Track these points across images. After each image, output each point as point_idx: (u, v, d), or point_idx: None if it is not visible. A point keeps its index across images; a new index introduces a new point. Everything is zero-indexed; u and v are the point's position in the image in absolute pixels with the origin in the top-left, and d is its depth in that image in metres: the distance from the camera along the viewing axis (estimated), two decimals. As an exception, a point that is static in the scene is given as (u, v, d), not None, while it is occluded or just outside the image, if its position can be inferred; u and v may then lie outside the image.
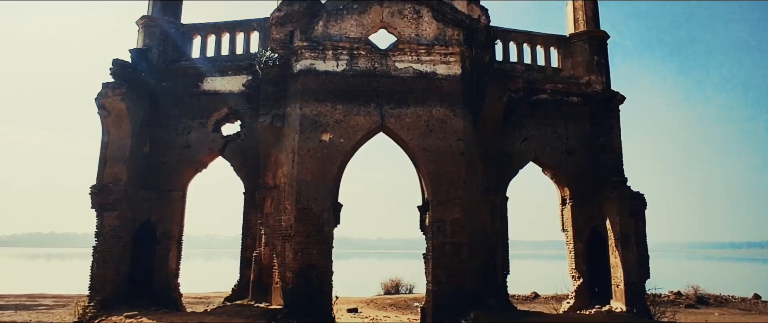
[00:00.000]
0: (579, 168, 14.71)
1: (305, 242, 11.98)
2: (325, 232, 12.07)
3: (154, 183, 13.95)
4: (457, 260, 12.07)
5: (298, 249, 11.93)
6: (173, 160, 14.17)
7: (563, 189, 15.06)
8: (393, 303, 25.63)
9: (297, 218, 12.10)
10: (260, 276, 13.06)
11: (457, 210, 12.31)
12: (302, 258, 11.89)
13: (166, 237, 13.82)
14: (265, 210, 13.36)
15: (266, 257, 13.05)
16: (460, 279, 11.99)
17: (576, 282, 14.43)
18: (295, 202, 12.19)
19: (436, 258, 12.07)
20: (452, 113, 12.84)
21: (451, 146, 12.65)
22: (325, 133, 12.54)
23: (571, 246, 14.57)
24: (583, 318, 11.29)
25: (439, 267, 12.01)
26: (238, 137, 14.33)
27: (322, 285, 11.84)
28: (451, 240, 12.16)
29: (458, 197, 12.39)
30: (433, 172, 12.50)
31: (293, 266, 11.89)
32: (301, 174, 12.32)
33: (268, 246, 13.06)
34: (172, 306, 13.34)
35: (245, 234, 14.06)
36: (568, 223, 14.78)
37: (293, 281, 11.83)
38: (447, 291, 11.90)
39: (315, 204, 12.19)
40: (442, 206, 12.35)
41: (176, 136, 14.28)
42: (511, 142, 14.63)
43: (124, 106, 12.62)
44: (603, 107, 14.89)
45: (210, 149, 14.24)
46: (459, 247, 12.14)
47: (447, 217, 12.30)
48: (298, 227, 12.05)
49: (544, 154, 14.73)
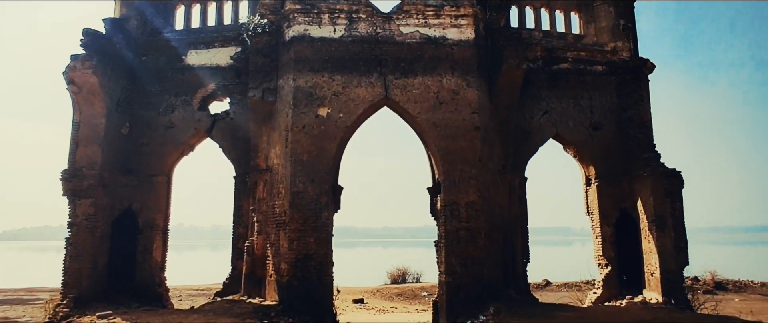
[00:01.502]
0: (605, 144, 13.25)
1: (301, 230, 10.63)
2: (323, 218, 10.71)
3: (135, 168, 12.61)
4: (474, 247, 10.68)
5: (294, 238, 10.58)
6: (155, 142, 12.82)
7: (588, 167, 13.60)
8: (400, 292, 24.57)
9: (292, 203, 10.74)
10: (253, 268, 11.75)
11: (472, 192, 10.91)
12: (298, 248, 10.55)
13: (150, 227, 12.50)
14: (257, 196, 12.01)
15: (259, 247, 11.72)
16: (476, 268, 10.62)
17: (603, 269, 13.03)
18: (290, 186, 10.82)
19: (449, 245, 10.70)
20: (465, 83, 11.38)
21: (465, 120, 11.21)
22: (321, 108, 11.13)
23: (598, 231, 13.15)
24: (621, 312, 9.92)
25: (453, 256, 10.64)
26: (227, 115, 12.95)
27: (322, 278, 10.51)
28: (466, 225, 10.77)
29: (473, 177, 10.97)
30: (445, 149, 11.08)
31: (288, 256, 10.56)
32: (296, 153, 10.93)
33: (262, 235, 11.73)
34: (157, 303, 12.06)
35: (237, 223, 12.73)
36: (594, 205, 13.35)
37: (289, 273, 10.50)
38: (462, 283, 10.54)
39: (312, 187, 10.81)
40: (455, 187, 10.94)
41: (158, 115, 12.90)
42: (530, 117, 13.19)
43: (97, 81, 11.24)
44: (631, 76, 13.39)
45: (195, 129, 12.87)
46: (475, 233, 10.75)
47: (461, 200, 10.90)
48: (293, 213, 10.70)
49: (566, 129, 13.27)
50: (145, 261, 12.34)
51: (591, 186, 13.53)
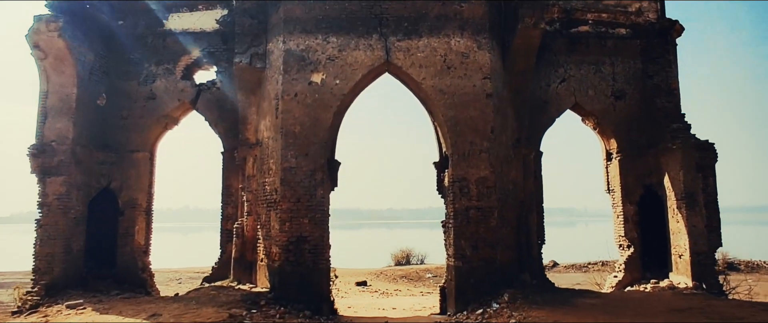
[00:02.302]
0: (628, 114, 12.06)
1: (294, 209, 9.56)
2: (318, 196, 9.63)
3: (114, 143, 11.53)
4: (485, 228, 9.60)
5: (285, 218, 9.52)
6: (136, 115, 11.71)
7: (608, 140, 12.44)
8: (404, 274, 23.90)
9: (283, 180, 9.65)
10: (243, 251, 10.74)
11: (483, 167, 9.78)
12: (290, 229, 9.50)
13: (131, 207, 11.48)
14: (246, 173, 10.94)
15: (250, 229, 10.69)
16: (489, 251, 9.55)
17: (624, 251, 11.95)
18: (280, 160, 9.72)
19: (458, 226, 9.62)
20: (476, 45, 10.16)
21: (476, 86, 10.02)
22: (315, 73, 9.96)
23: (619, 209, 12.04)
24: (650, 299, 8.85)
25: (462, 238, 9.57)
26: (213, 85, 11.81)
27: (317, 262, 9.47)
28: (477, 203, 9.68)
29: (485, 150, 9.84)
30: (453, 120, 9.92)
31: (280, 239, 9.51)
32: (287, 125, 9.81)
33: (252, 216, 10.69)
34: (140, 289, 11.10)
35: (225, 202, 11.68)
36: (615, 182, 12.22)
37: (280, 257, 9.47)
38: (473, 267, 9.49)
39: (305, 162, 9.71)
40: (464, 161, 9.82)
41: (138, 85, 11.77)
42: (546, 85, 12.00)
43: (65, 45, 10.07)
44: (657, 40, 12.14)
45: (179, 101, 11.75)
46: (487, 212, 9.66)
47: (471, 175, 9.78)
48: (285, 191, 9.62)
49: (585, 98, 12.08)
50: (127, 244, 11.34)
51: (612, 161, 12.38)
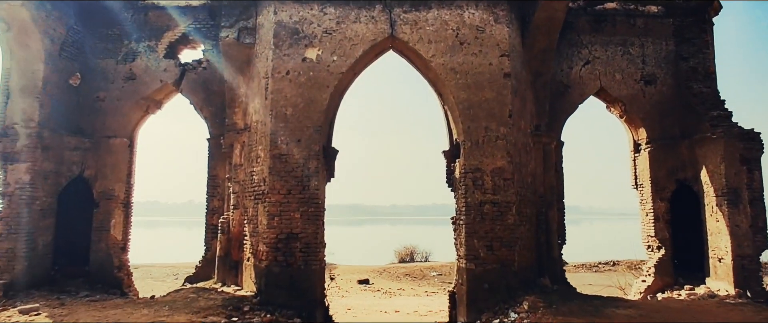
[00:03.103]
0: (660, 101, 10.83)
1: (284, 202, 8.41)
2: (311, 188, 8.47)
3: (88, 128, 10.43)
4: (502, 225, 8.42)
5: (274, 213, 8.37)
6: (113, 97, 10.59)
7: (637, 130, 11.21)
8: (408, 272, 23.00)
9: (272, 169, 8.50)
10: (228, 249, 9.61)
11: (500, 156, 8.59)
12: (280, 225, 8.35)
13: (107, 199, 10.38)
14: (233, 161, 9.80)
15: (236, 224, 9.56)
16: (505, 252, 8.37)
17: (654, 253, 10.75)
18: (269, 147, 8.57)
19: (471, 223, 8.44)
20: (492, 17, 8.95)
21: (491, 65, 8.82)
22: (310, 48, 8.79)
23: (649, 206, 10.83)
24: (693, 310, 7.65)
25: (475, 236, 8.39)
26: (199, 65, 10.67)
27: (309, 262, 8.32)
28: (493, 197, 8.49)
29: (502, 137, 8.64)
30: (466, 102, 8.73)
31: (268, 236, 8.37)
32: (277, 106, 8.65)
33: (239, 210, 9.55)
34: (116, 289, 10.01)
35: (211, 194, 10.56)
36: (644, 176, 11.00)
37: (268, 257, 8.32)
38: (488, 270, 8.31)
39: (297, 148, 8.55)
40: (478, 150, 8.63)
41: (116, 64, 10.65)
42: (568, 68, 10.80)
43: (29, 16, 8.95)
44: (692, 19, 10.90)
45: (161, 81, 10.62)
46: (504, 207, 8.48)
47: (486, 166, 8.59)
48: (274, 181, 8.47)
49: (611, 82, 10.86)
50: (102, 239, 10.24)
51: (641, 153, 11.16)
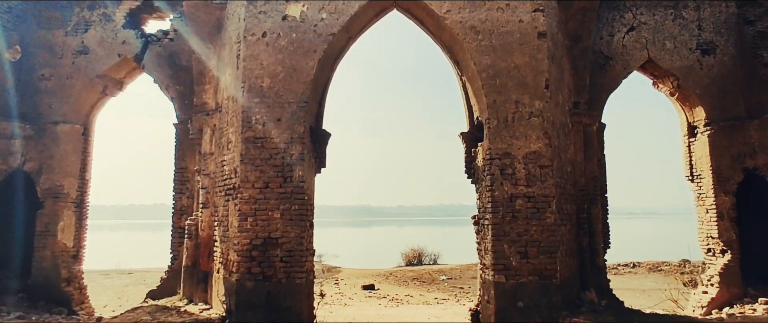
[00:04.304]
0: (720, 74, 8.94)
1: (260, 198, 6.57)
2: (295, 180, 6.63)
3: (31, 112, 8.66)
4: (539, 226, 6.54)
5: (247, 211, 6.53)
6: (61, 74, 8.82)
7: (692, 110, 9.31)
8: (416, 276, 21.32)
9: (245, 156, 6.67)
10: (196, 257, 7.79)
11: (535, 137, 6.71)
12: (254, 227, 6.51)
13: (54, 197, 8.60)
14: (202, 149, 7.99)
15: (205, 226, 7.74)
16: (545, 260, 6.48)
17: (717, 258, 8.82)
18: (241, 128, 6.74)
19: (499, 223, 6.56)
20: (522, -37, 7.08)
21: (523, 22, 6.95)
22: (292, 3, 6.95)
23: (710, 202, 8.90)
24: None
25: (505, 240, 6.52)
26: (165, 36, 8.89)
27: (292, 275, 6.47)
28: (527, 190, 6.61)
29: (537, 113, 6.77)
30: (491, 69, 6.86)
31: (239, 241, 6.53)
32: (251, 77, 6.82)
33: (208, 209, 7.74)
34: (63, 307, 8.21)
35: (179, 191, 8.76)
36: (703, 164, 9.09)
37: (239, 268, 6.48)
38: (522, 283, 6.43)
39: (277, 130, 6.71)
40: (507, 130, 6.76)
41: (65, 35, 8.89)
42: (609, 36, 8.95)
43: (-56, -31, 7.21)
44: (758, -26, 8.99)
45: (120, 56, 8.85)
46: (541, 203, 6.59)
47: (517, 150, 6.72)
48: (247, 171, 6.63)
49: (661, 52, 8.98)
50: (46, 246, 8.45)
51: (697, 138, 9.25)
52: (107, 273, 21.62)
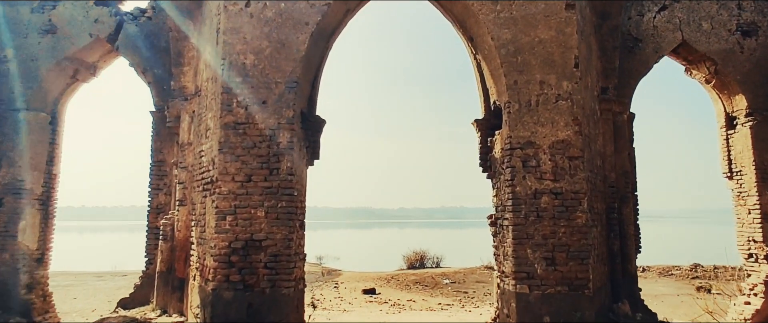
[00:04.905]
0: (764, 57, 7.98)
1: (241, 194, 5.61)
2: (282, 172, 5.66)
3: (-10, 97, 7.72)
4: (568, 227, 5.56)
5: (226, 209, 5.57)
6: (25, 56, 7.87)
7: (731, 98, 8.33)
8: (418, 279, 20.45)
9: (224, 144, 5.71)
10: (171, 262, 6.83)
11: (563, 124, 5.74)
12: (234, 228, 5.55)
13: (14, 194, 7.64)
14: (180, 139, 7.04)
15: (182, 227, 6.78)
16: (575, 267, 5.51)
17: (761, 264, 7.83)
18: (220, 111, 5.78)
19: (521, 224, 5.59)
20: (547, -77, 6.12)
21: (547, -9, 5.99)
22: (281, -31, 6.01)
23: (752, 201, 7.91)
24: None
25: (529, 244, 5.54)
26: (143, 14, 7.95)
27: (278, 284, 5.50)
28: (554, 185, 5.64)
29: (565, 96, 5.80)
30: (512, 45, 5.90)
31: (217, 244, 5.56)
32: (233, 52, 5.86)
33: (186, 207, 6.78)
34: (23, 318, 7.25)
35: (155, 187, 7.80)
36: (744, 158, 8.11)
37: (216, 275, 5.51)
38: (547, 295, 5.46)
39: (262, 114, 5.75)
40: (530, 115, 5.79)
41: (31, 12, 7.95)
42: (638, 15, 8.00)
43: None
44: (804, -52, 8.03)
45: (92, 35, 7.90)
46: (571, 201, 5.62)
47: (543, 138, 5.75)
48: (227, 162, 5.67)
49: (697, 34, 8.01)
50: (5, 249, 7.49)
51: (737, 129, 8.26)
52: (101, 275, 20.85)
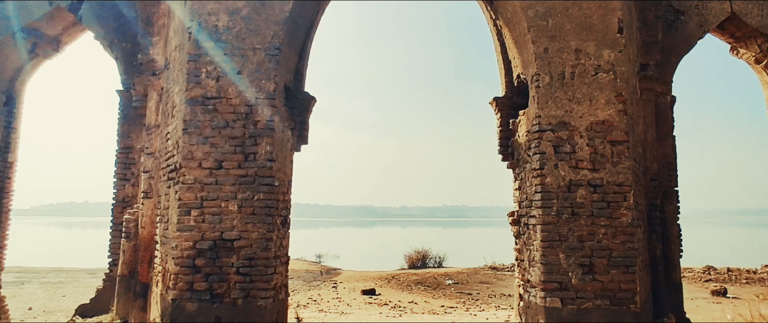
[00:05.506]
0: (825, 34, 6.91)
1: (209, 183, 4.58)
2: (260, 157, 4.63)
3: (-67, 72, 6.72)
4: (610, 227, 4.52)
5: (191, 202, 4.55)
6: (-25, 26, 6.87)
7: (784, 81, 7.28)
8: (420, 280, 19.54)
9: (190, 122, 4.68)
10: (134, 264, 5.81)
11: (603, 101, 4.70)
12: (200, 224, 4.53)
13: (-40, 183, 6.66)
14: (147, 120, 6.02)
15: (147, 222, 5.76)
16: (618, 276, 4.46)
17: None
18: (186, 84, 4.75)
19: (552, 222, 4.55)
20: None
21: (584, -59, 4.93)
22: None
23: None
24: None
25: (562, 248, 4.50)
26: (110, -21, 6.92)
27: (252, 294, 4.48)
28: (592, 175, 4.60)
29: (606, 67, 4.75)
30: (541, 4, 4.85)
31: (179, 244, 4.54)
32: (202, 13, 4.82)
33: (152, 199, 5.76)
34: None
35: (122, 176, 6.78)
36: (800, 151, 7.07)
37: (178, 282, 4.49)
38: (585, 310, 4.42)
39: (236, 86, 4.72)
40: (564, 90, 4.75)
41: (-19, -24, 6.94)
42: (678, -16, 6.93)
43: None
44: None
45: (51, 4, 6.88)
46: (614, 194, 4.57)
47: (579, 118, 4.71)
48: (192, 145, 4.64)
49: (748, 6, 6.95)
50: (-52, 246, 6.51)
51: (791, 116, 7.21)
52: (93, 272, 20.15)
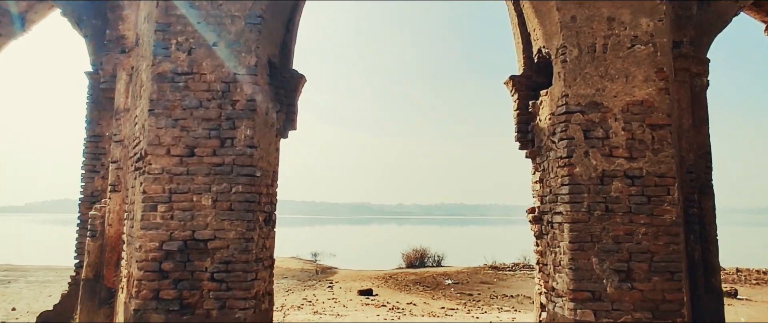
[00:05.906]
0: None
1: (179, 174, 3.88)
2: (240, 143, 3.94)
3: None
4: (651, 226, 3.84)
5: (158, 195, 3.85)
6: (-74, -1, 6.15)
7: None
8: (418, 279, 19.00)
9: (157, 102, 3.98)
10: (100, 267, 5.11)
11: (642, 78, 4.02)
12: (168, 222, 3.83)
13: None
14: (116, 104, 5.32)
15: (115, 219, 5.06)
16: (661, 284, 3.78)
17: None
18: (153, 58, 4.04)
19: (582, 220, 3.87)
20: None
21: None
22: None
23: None
24: None
25: (593, 250, 3.82)
26: (79, -52, 6.20)
27: (229, 307, 3.79)
28: (629, 165, 3.93)
29: (644, 38, 4.07)
30: (566, -32, 4.16)
31: (144, 244, 3.85)
32: (173, -27, 4.12)
33: (120, 193, 5.06)
34: None
35: (91, 168, 6.08)
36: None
37: (141, 289, 3.80)
38: (621, 322, 3.75)
39: (211, 60, 4.02)
40: (594, 64, 4.06)
41: (-66, -57, 6.22)
42: (710, -44, 6.24)
43: None
44: None
45: (13, -26, 6.17)
46: (656, 187, 3.90)
47: (613, 98, 4.02)
48: (160, 128, 3.94)
49: (786, -19, 6.28)
50: None
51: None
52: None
